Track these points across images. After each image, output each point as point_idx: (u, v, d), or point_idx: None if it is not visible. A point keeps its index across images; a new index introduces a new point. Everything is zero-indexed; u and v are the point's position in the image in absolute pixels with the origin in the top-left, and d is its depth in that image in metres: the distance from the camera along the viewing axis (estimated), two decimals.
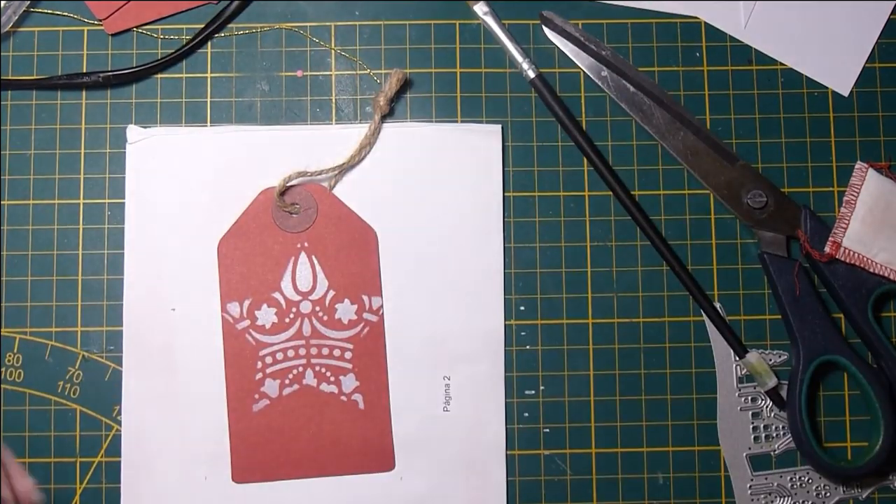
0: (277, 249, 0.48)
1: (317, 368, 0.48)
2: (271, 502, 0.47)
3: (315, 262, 0.48)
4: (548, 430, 0.49)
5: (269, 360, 0.48)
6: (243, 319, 0.48)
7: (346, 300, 0.48)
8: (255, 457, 0.47)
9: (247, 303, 0.48)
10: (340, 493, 0.47)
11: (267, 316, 0.48)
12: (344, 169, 0.49)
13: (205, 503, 0.47)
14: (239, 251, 0.48)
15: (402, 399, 0.48)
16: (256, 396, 0.47)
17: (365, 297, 0.48)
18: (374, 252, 0.48)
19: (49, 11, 0.50)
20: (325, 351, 0.48)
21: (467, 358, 0.48)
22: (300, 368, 0.48)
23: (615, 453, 0.49)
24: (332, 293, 0.48)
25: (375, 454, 0.48)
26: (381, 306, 0.48)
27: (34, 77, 0.50)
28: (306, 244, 0.48)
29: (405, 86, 0.50)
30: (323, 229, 0.48)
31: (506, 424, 0.48)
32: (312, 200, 0.48)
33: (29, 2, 0.50)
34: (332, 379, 0.48)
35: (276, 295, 0.48)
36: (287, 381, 0.47)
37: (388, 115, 0.50)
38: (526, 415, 0.49)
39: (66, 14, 0.50)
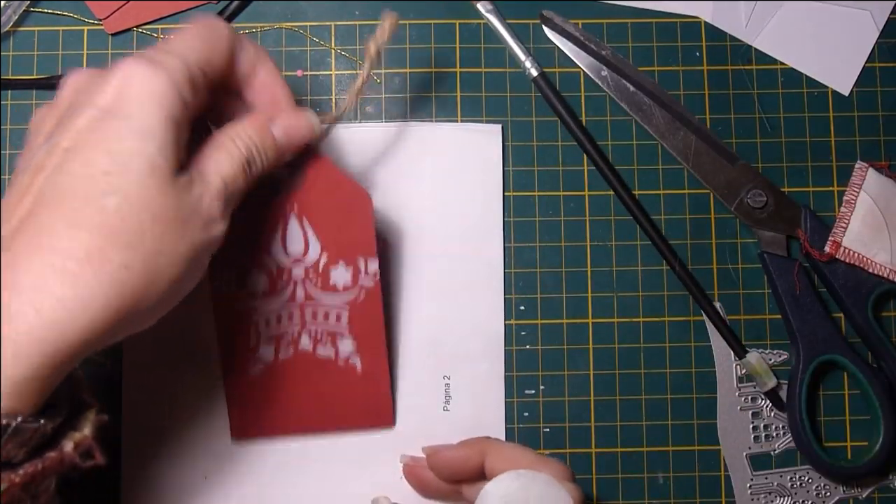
0: (266, 213, 0.45)
1: (312, 333, 0.47)
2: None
3: (306, 224, 0.45)
4: (548, 429, 0.49)
5: (262, 325, 0.46)
6: (234, 286, 0.46)
7: (341, 263, 0.46)
8: (253, 415, 0.47)
9: (237, 269, 0.45)
10: (339, 488, 0.47)
11: (258, 282, 0.46)
12: (337, 119, 0.45)
13: (205, 503, 0.47)
14: None
15: (403, 399, 0.48)
16: (252, 363, 0.46)
17: (361, 261, 0.46)
18: (369, 214, 0.45)
19: (49, 11, 0.50)
20: (321, 315, 0.46)
21: (467, 358, 0.48)
22: (295, 333, 0.46)
23: (615, 453, 0.49)
24: (325, 256, 0.46)
25: (375, 411, 0.47)
26: (378, 271, 0.46)
27: (34, 77, 0.50)
28: (296, 206, 0.45)
29: (405, 85, 0.50)
30: (312, 191, 0.45)
31: (506, 424, 0.48)
32: (301, 161, 0.45)
33: (29, 1, 0.50)
34: (329, 343, 0.46)
35: (267, 260, 0.46)
36: (282, 346, 0.46)
37: (391, 115, 0.49)
38: (526, 414, 0.49)
39: (66, 14, 0.50)
